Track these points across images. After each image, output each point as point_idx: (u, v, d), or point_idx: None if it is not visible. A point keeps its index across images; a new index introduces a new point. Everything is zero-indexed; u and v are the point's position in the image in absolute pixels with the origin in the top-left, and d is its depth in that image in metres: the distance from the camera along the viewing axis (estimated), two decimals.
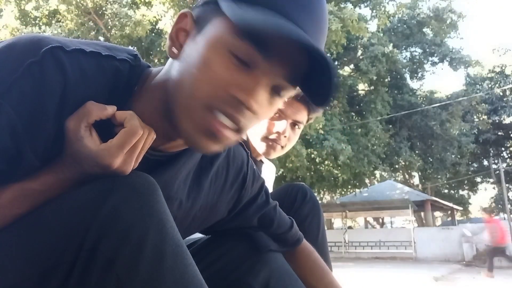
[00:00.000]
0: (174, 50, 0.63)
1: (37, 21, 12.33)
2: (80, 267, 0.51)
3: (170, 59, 0.65)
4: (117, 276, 0.50)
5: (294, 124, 1.31)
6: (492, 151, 23.51)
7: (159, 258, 0.52)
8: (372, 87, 16.07)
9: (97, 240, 0.51)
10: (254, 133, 1.31)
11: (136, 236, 0.52)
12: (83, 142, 0.57)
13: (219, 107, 0.58)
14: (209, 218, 0.86)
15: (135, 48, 12.52)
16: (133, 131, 0.58)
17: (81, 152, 0.57)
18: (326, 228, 1.32)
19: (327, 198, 22.03)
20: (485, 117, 20.07)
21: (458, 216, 26.50)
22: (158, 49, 11.11)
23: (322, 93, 0.60)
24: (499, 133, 22.52)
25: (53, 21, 11.45)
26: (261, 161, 1.42)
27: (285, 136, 1.30)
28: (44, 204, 0.57)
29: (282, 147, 1.32)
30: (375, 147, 13.71)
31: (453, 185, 25.30)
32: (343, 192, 20.79)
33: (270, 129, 1.29)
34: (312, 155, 13.07)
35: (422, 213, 21.00)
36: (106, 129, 0.60)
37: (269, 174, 1.50)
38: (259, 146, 1.32)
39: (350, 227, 22.80)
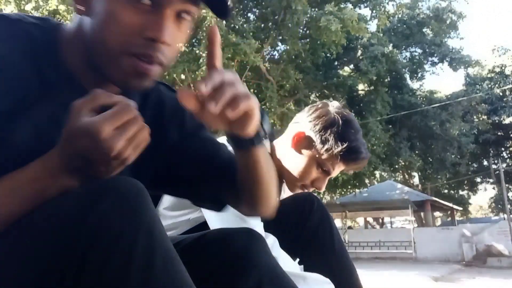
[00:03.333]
0: (80, 7, 0.67)
1: None
2: (71, 275, 0.51)
3: (78, 16, 0.69)
4: (107, 285, 0.50)
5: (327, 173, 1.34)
6: (492, 151, 23.51)
7: (149, 265, 0.51)
8: (372, 87, 16.07)
9: (86, 248, 0.50)
10: (294, 168, 1.33)
11: (125, 244, 0.51)
12: (80, 118, 0.57)
13: (137, 51, 0.64)
14: (156, 160, 0.82)
15: None
16: (124, 108, 0.58)
17: (76, 126, 0.57)
18: None
19: (327, 198, 22.01)
20: (485, 117, 20.08)
21: (458, 216, 26.51)
22: None
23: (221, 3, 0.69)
24: (499, 133, 22.52)
25: None
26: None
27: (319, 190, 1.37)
28: (33, 212, 0.57)
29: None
30: (375, 147, 13.69)
31: (453, 185, 25.30)
32: (343, 192, 20.79)
33: (310, 179, 1.33)
34: None
35: (422, 213, 21.00)
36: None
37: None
38: (292, 185, 1.36)
39: (350, 227, 22.80)
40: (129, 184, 0.56)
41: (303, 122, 1.35)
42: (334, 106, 1.35)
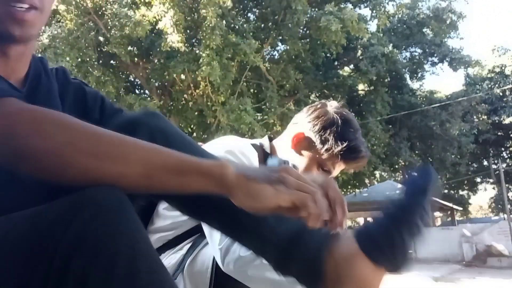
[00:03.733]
0: None
1: None
2: (53, 284, 0.50)
3: None
4: None
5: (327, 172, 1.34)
6: (492, 151, 23.51)
7: (132, 276, 0.51)
8: (372, 87, 16.06)
9: (67, 258, 0.50)
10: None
11: (107, 255, 0.50)
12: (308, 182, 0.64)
13: None
14: None
15: (135, 48, 12.51)
16: (304, 203, 0.62)
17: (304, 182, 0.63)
18: None
19: None
20: (485, 117, 20.05)
21: (458, 216, 26.51)
22: (158, 49, 11.11)
23: None
24: (499, 133, 22.51)
25: (53, 21, 11.43)
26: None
27: None
28: (16, 221, 0.56)
29: None
30: (375, 147, 13.69)
31: (453, 185, 25.29)
32: (342, 192, 20.66)
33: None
34: None
35: None
36: None
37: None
38: None
39: (350, 228, 22.79)
40: (110, 195, 0.55)
41: (302, 122, 1.35)
42: (332, 106, 1.36)
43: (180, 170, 0.60)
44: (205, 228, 1.11)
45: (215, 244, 1.04)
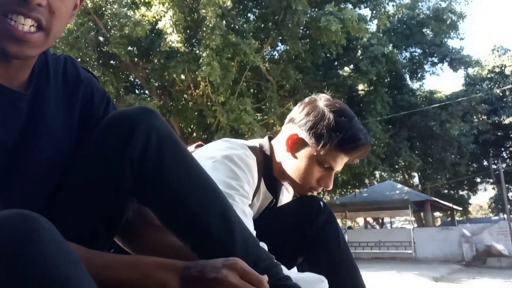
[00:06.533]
0: None
1: None
2: None
3: None
4: None
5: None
6: (491, 152, 23.51)
7: None
8: (371, 88, 16.05)
9: None
10: (296, 174, 1.29)
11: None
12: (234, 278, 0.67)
13: (7, 8, 0.63)
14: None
15: (135, 48, 12.50)
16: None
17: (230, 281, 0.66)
18: None
19: (326, 198, 22.00)
20: (485, 117, 20.07)
21: (457, 217, 26.54)
22: (158, 49, 11.10)
23: None
24: (499, 134, 22.51)
25: None
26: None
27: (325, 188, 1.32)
28: None
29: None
30: (374, 147, 13.69)
31: (452, 185, 25.29)
32: (342, 193, 20.77)
33: (314, 180, 1.28)
34: None
35: (422, 214, 21.00)
36: None
37: (288, 196, 1.49)
38: (300, 190, 1.33)
39: (350, 228, 22.80)
40: (15, 225, 0.48)
41: (294, 122, 1.30)
42: (322, 99, 1.29)
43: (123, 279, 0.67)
44: None
45: None
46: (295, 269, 1.23)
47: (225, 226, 0.76)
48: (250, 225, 1.07)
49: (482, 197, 41.12)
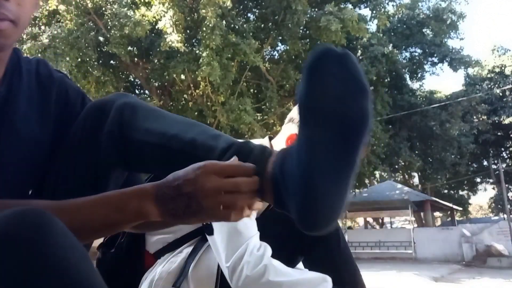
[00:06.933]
0: None
1: (36, 21, 12.33)
2: None
3: None
4: None
5: None
6: (491, 152, 23.51)
7: None
8: (371, 88, 16.04)
9: None
10: None
11: None
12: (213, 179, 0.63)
13: None
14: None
15: (135, 48, 12.49)
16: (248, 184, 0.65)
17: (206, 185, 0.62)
18: None
19: None
20: (485, 117, 20.06)
21: (457, 217, 26.51)
22: (158, 49, 11.09)
23: None
24: (499, 134, 22.51)
25: (53, 21, 11.41)
26: None
27: None
28: None
29: None
30: (374, 147, 13.70)
31: (452, 185, 25.29)
32: None
33: None
34: None
35: (422, 214, 20.99)
36: None
37: None
38: None
39: (349, 228, 22.80)
40: (24, 224, 0.49)
41: (294, 122, 1.29)
42: None
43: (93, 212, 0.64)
44: (212, 243, 1.11)
45: (222, 261, 1.07)
46: (300, 265, 1.23)
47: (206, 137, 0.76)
48: (252, 225, 1.08)
49: (482, 197, 41.26)
